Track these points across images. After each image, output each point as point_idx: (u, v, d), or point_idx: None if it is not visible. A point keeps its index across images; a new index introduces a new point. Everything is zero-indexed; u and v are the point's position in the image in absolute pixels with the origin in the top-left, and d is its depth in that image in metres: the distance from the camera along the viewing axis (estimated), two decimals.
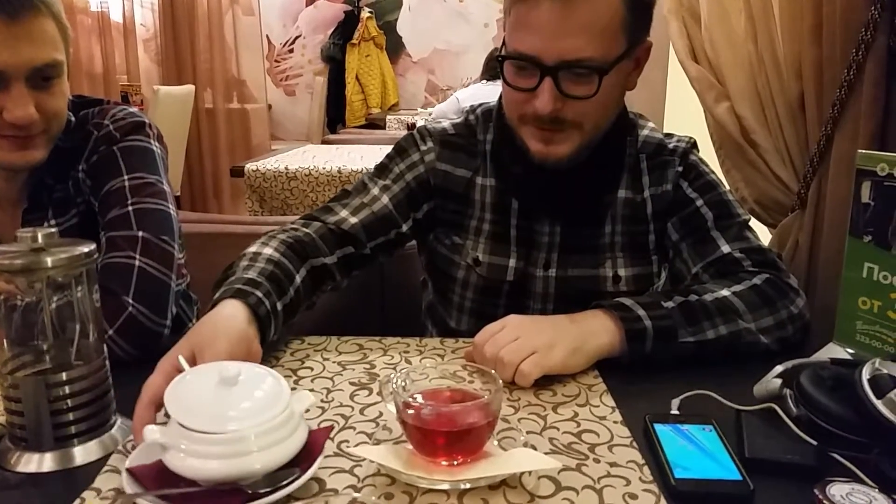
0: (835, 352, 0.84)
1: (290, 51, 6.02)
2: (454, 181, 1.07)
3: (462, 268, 1.07)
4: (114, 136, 1.03)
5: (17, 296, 0.65)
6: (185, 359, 0.69)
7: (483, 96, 3.48)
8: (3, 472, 0.65)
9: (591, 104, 0.90)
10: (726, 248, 0.98)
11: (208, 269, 0.91)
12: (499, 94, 1.03)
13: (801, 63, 1.34)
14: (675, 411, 0.74)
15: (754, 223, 1.10)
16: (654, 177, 1.04)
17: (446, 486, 0.60)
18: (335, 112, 5.82)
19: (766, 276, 0.95)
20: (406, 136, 1.12)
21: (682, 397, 0.76)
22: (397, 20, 5.91)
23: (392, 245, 1.06)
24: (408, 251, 1.17)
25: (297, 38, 5.99)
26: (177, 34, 4.73)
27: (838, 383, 0.70)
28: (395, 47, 5.94)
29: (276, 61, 6.02)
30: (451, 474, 0.61)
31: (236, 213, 4.57)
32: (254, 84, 5.27)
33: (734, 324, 0.89)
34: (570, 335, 0.83)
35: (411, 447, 0.64)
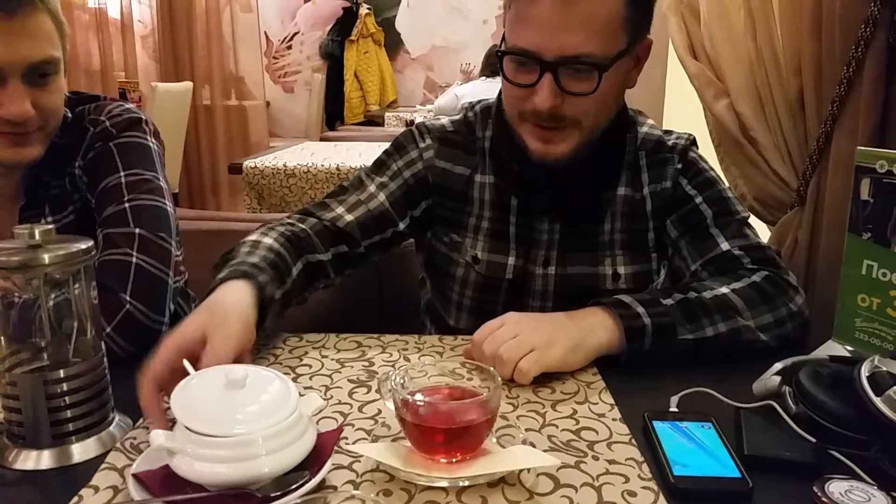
0: (834, 349, 0.84)
1: (289, 47, 6.01)
2: (453, 178, 1.06)
3: (461, 266, 1.07)
4: (110, 132, 1.03)
5: (15, 293, 0.65)
6: (195, 339, 0.69)
7: (482, 93, 3.48)
8: (0, 470, 0.65)
9: (591, 101, 0.90)
10: (725, 246, 0.98)
11: (206, 266, 0.91)
12: (498, 91, 1.02)
13: (801, 60, 1.34)
14: (674, 409, 0.74)
15: (753, 220, 1.10)
16: (653, 174, 1.04)
17: (445, 484, 0.60)
18: (333, 109, 5.81)
19: (766, 273, 0.95)
20: (405, 133, 1.11)
21: (681, 394, 0.76)
22: (396, 17, 5.91)
23: (388, 243, 1.06)
24: (406, 249, 1.17)
25: (296, 34, 5.98)
26: (175, 31, 4.72)
27: (837, 381, 0.70)
28: (393, 44, 5.93)
29: (275, 58, 6.01)
30: (450, 471, 0.60)
31: (234, 210, 4.58)
32: (252, 81, 5.27)
33: (733, 321, 0.88)
34: (569, 332, 0.83)
35: (410, 444, 0.64)
